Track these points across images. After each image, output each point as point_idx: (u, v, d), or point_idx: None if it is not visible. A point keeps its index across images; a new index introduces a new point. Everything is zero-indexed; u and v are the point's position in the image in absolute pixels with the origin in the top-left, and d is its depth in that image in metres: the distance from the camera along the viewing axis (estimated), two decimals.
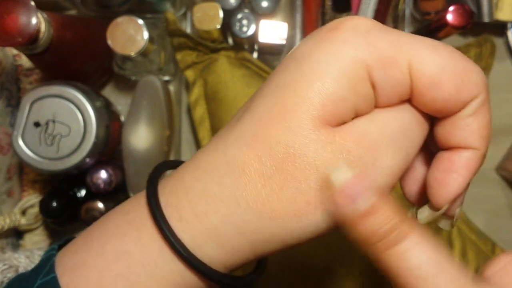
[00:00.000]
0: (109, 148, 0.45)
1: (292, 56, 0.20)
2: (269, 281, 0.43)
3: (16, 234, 0.48)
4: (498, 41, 0.52)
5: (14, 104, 0.47)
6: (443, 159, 0.20)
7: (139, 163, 0.45)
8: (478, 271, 0.19)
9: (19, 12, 0.35)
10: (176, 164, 0.23)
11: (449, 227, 0.22)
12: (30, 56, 0.41)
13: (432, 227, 0.46)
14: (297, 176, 0.19)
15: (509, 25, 0.51)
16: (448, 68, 0.18)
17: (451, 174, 0.20)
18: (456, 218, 0.22)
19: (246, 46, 0.49)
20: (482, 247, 0.48)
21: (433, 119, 0.21)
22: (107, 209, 0.45)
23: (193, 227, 0.20)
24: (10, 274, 0.24)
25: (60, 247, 0.23)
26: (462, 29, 0.42)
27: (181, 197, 0.20)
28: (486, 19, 0.49)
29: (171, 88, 0.51)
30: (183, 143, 0.52)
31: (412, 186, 0.23)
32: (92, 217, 0.44)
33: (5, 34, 0.35)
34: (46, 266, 0.21)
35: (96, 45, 0.47)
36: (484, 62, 0.49)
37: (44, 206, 0.44)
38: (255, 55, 0.50)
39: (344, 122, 0.19)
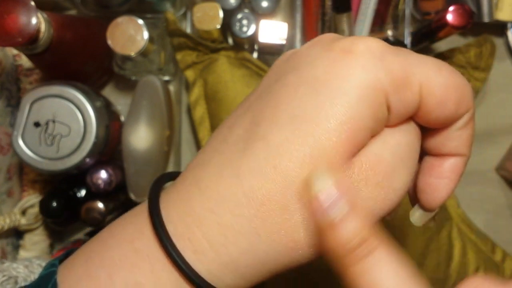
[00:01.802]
0: (109, 148, 0.45)
1: (304, 80, 0.19)
2: (268, 282, 0.43)
3: (16, 234, 0.48)
4: (498, 41, 0.52)
5: (14, 104, 0.47)
6: (433, 166, 0.22)
7: (139, 163, 0.45)
8: (478, 270, 0.19)
9: (19, 12, 0.35)
10: (172, 176, 0.22)
11: (432, 224, 0.23)
12: (30, 56, 0.41)
13: (433, 226, 0.45)
14: None
15: (509, 25, 0.51)
16: (451, 87, 0.19)
17: (443, 180, 0.21)
18: (436, 214, 0.23)
19: (246, 46, 0.49)
20: (482, 247, 0.48)
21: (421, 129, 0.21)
22: (107, 209, 0.45)
23: (211, 260, 0.19)
24: (10, 286, 0.23)
25: (60, 262, 0.22)
26: (462, 29, 0.42)
27: (194, 230, 0.19)
28: (486, 19, 0.49)
29: (171, 88, 0.51)
30: (183, 143, 0.52)
31: None
32: (92, 217, 0.44)
33: (5, 34, 0.35)
34: (48, 285, 0.20)
35: (96, 45, 0.47)
36: (484, 62, 0.49)
37: (44, 206, 0.44)
38: (255, 55, 0.50)
39: (361, 148, 0.20)
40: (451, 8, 0.42)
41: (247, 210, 0.19)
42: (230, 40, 0.50)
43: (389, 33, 0.49)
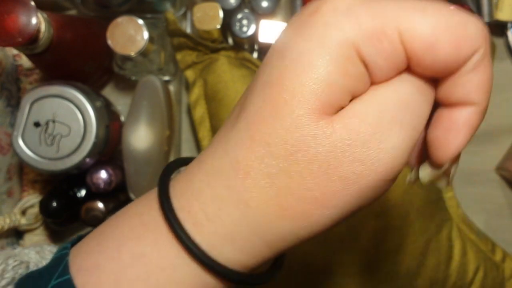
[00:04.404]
0: (109, 148, 0.45)
1: (274, 49, 0.19)
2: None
3: (16, 234, 0.48)
4: (498, 41, 0.52)
5: (14, 104, 0.47)
6: (443, 117, 0.20)
7: (139, 163, 0.45)
8: (478, 270, 0.19)
9: (19, 12, 0.35)
10: (187, 161, 0.23)
11: (446, 185, 0.21)
12: (30, 56, 0.41)
13: (432, 226, 0.46)
14: (301, 173, 0.18)
15: (509, 25, 0.51)
16: (441, 26, 0.17)
17: (453, 132, 0.19)
18: (452, 176, 0.21)
19: (246, 46, 0.49)
20: (482, 247, 0.48)
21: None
22: (107, 209, 0.45)
23: (208, 231, 0.20)
24: (21, 270, 0.24)
25: (72, 245, 0.23)
26: None
27: (193, 203, 0.20)
28: (486, 19, 0.49)
29: (171, 88, 0.51)
30: (183, 143, 0.52)
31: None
32: (92, 217, 0.44)
33: (5, 34, 0.35)
34: (60, 266, 0.21)
35: (96, 45, 0.47)
36: None
37: (44, 206, 0.44)
38: (255, 55, 0.50)
39: (341, 107, 0.19)
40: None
41: (234, 182, 0.19)
42: (230, 40, 0.50)
43: None
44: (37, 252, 0.25)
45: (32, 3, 0.36)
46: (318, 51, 0.18)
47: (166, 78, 0.50)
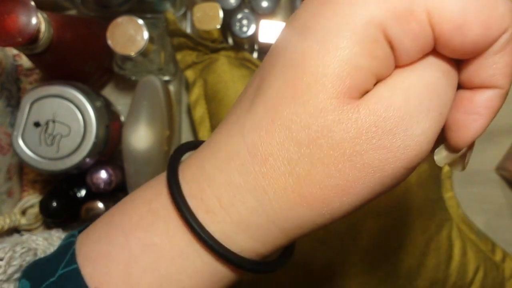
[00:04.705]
0: (109, 148, 0.45)
1: (293, 27, 0.18)
2: (270, 281, 0.43)
3: (16, 234, 0.48)
4: None
5: (14, 104, 0.47)
6: (463, 100, 0.19)
7: (139, 163, 0.45)
8: (478, 270, 0.19)
9: (19, 12, 0.35)
10: (197, 144, 0.22)
11: (461, 169, 0.21)
12: (30, 56, 0.41)
13: (432, 226, 0.46)
14: (323, 159, 0.18)
15: None
16: (470, 5, 0.16)
17: (472, 116, 0.18)
18: (467, 161, 0.20)
19: (246, 46, 0.49)
20: (482, 247, 0.48)
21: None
22: (107, 209, 0.45)
23: (221, 219, 0.19)
24: (29, 258, 0.24)
25: (80, 232, 0.22)
26: None
27: (206, 189, 0.19)
28: None
29: (171, 88, 0.51)
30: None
31: None
32: (93, 217, 0.44)
33: (5, 34, 0.35)
34: (67, 254, 0.21)
35: (96, 45, 0.47)
36: None
37: (44, 206, 0.44)
38: (255, 55, 0.50)
39: (366, 91, 0.18)
40: None
41: (252, 167, 0.18)
42: (230, 40, 0.50)
43: None
44: (45, 238, 0.25)
45: (32, 3, 0.36)
46: (343, 32, 0.17)
47: (166, 78, 0.50)
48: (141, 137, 0.45)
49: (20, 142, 0.41)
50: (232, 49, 0.47)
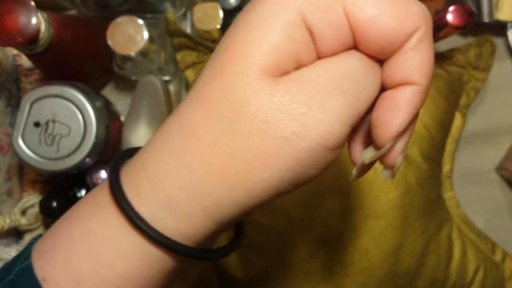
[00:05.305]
0: (109, 148, 0.45)
1: (232, 23, 0.21)
2: (270, 281, 0.43)
3: (16, 234, 0.48)
4: (498, 41, 0.52)
5: (14, 104, 0.47)
6: (385, 98, 0.20)
7: None
8: (478, 270, 0.19)
9: (19, 12, 0.35)
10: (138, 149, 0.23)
11: (390, 177, 0.21)
12: (30, 56, 0.41)
13: (432, 226, 0.45)
14: (242, 131, 0.19)
15: (509, 25, 0.51)
16: (382, 0, 0.18)
17: (394, 112, 0.19)
18: (398, 167, 0.21)
19: None
20: (482, 247, 0.48)
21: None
22: None
23: (151, 200, 0.20)
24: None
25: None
26: (462, 29, 0.42)
27: (140, 173, 0.20)
28: (486, 19, 0.49)
29: (171, 88, 0.51)
30: None
31: (359, 139, 0.22)
32: None
33: (5, 34, 0.35)
34: (24, 253, 0.22)
35: (96, 45, 0.47)
36: (484, 62, 0.49)
37: (44, 206, 0.44)
38: None
39: (286, 72, 0.19)
40: (451, 8, 0.42)
41: (180, 144, 0.19)
42: None
43: None
44: (18, 250, 0.26)
45: (32, 3, 0.36)
46: (267, 17, 0.19)
47: (166, 78, 0.50)
48: (141, 137, 0.45)
49: (20, 142, 0.41)
50: None
